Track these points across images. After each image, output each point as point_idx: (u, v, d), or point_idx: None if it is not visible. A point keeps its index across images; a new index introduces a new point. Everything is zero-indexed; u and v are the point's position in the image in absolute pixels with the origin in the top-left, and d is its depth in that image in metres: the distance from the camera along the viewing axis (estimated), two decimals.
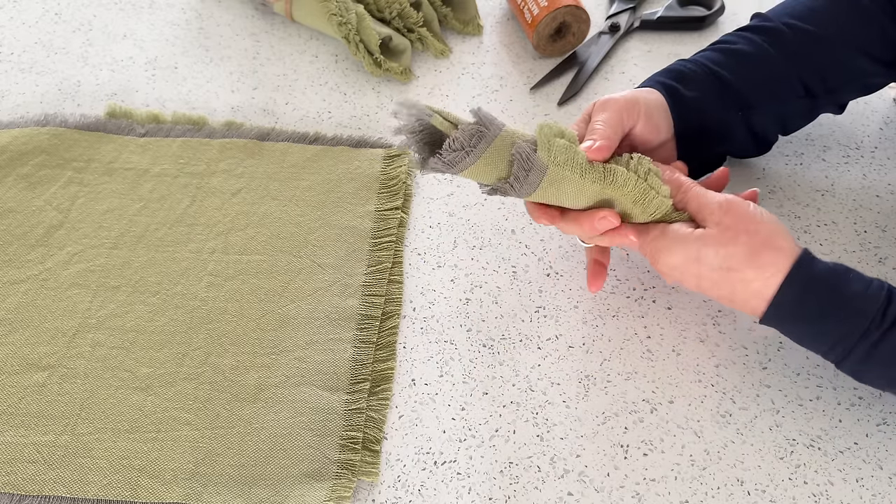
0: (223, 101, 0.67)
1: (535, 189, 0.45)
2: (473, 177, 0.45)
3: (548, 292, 0.55)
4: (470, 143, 0.43)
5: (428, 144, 0.45)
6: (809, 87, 0.54)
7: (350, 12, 0.67)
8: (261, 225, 0.57)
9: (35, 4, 0.76)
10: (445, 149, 0.43)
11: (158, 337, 0.51)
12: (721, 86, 0.53)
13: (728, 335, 0.52)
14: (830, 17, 0.54)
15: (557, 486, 0.46)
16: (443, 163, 0.44)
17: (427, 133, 0.45)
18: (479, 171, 0.44)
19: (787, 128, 0.57)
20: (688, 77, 0.53)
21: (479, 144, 0.43)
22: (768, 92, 0.53)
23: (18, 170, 0.60)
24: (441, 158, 0.44)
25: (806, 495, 0.45)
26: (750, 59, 0.54)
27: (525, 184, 0.45)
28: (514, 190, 0.45)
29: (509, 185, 0.45)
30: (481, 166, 0.44)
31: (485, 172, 0.45)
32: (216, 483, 0.45)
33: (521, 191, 0.45)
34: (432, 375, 0.51)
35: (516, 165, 0.44)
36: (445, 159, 0.44)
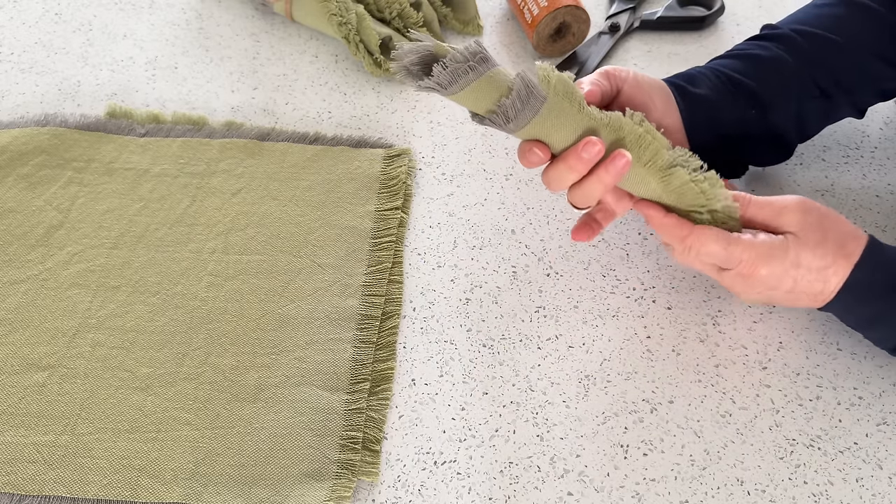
0: (223, 101, 0.67)
1: (529, 119, 0.44)
2: (469, 100, 0.44)
3: (548, 292, 0.55)
4: (473, 59, 0.42)
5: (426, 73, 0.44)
6: (824, 89, 0.53)
7: (350, 12, 0.67)
8: (261, 225, 0.57)
9: (35, 4, 0.76)
10: (450, 60, 0.42)
11: (158, 337, 0.51)
12: (732, 85, 0.52)
13: (728, 335, 0.52)
14: (841, 23, 0.54)
15: (557, 486, 0.46)
16: (446, 73, 0.42)
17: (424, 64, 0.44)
18: (477, 92, 0.43)
19: (805, 130, 0.56)
20: (697, 78, 0.53)
21: (483, 64, 0.43)
22: (782, 91, 0.53)
23: (18, 170, 0.60)
24: (444, 69, 0.42)
25: (806, 495, 0.45)
26: (762, 61, 0.53)
27: (523, 111, 0.43)
28: (510, 116, 0.43)
29: (506, 110, 0.43)
30: (481, 86, 0.43)
31: (482, 95, 0.44)
32: (216, 483, 0.45)
33: (518, 118, 0.44)
34: (432, 375, 0.51)
35: (515, 91, 0.43)
36: (448, 69, 0.42)
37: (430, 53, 0.44)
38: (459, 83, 0.42)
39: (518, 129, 0.44)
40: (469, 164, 0.63)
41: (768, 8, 0.76)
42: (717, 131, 0.52)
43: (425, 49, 0.43)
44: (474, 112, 0.45)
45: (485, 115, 0.45)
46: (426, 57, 0.44)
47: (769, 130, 0.54)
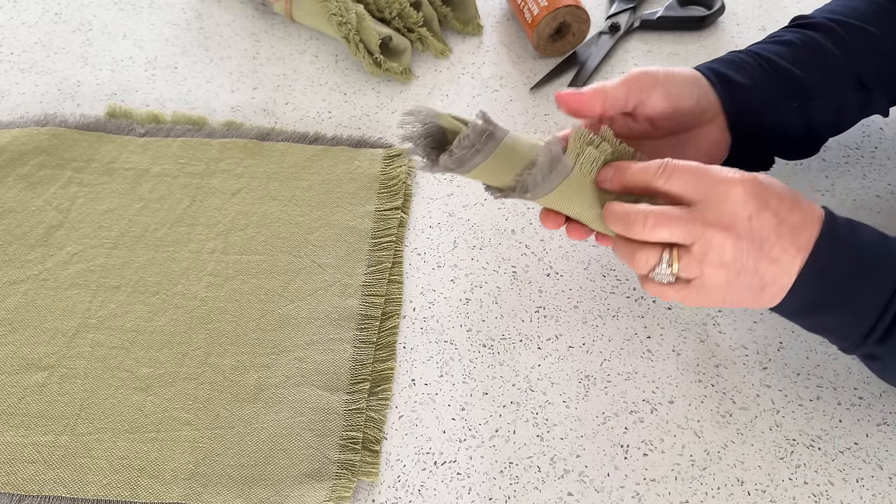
0: (223, 101, 0.67)
1: (549, 191, 0.44)
2: (482, 176, 0.45)
3: (548, 292, 0.55)
4: (480, 141, 0.43)
5: (434, 149, 0.45)
6: (863, 79, 0.52)
7: (350, 12, 0.67)
8: (261, 225, 0.57)
9: (35, 4, 0.76)
10: (456, 146, 0.43)
11: (158, 337, 0.51)
12: (775, 72, 0.51)
13: (728, 335, 0.52)
14: (876, 16, 0.53)
15: (557, 486, 0.46)
16: (453, 160, 0.43)
17: (434, 138, 0.45)
18: (490, 169, 0.44)
19: (841, 123, 0.54)
20: (739, 65, 0.51)
21: (490, 142, 0.43)
22: (826, 81, 0.51)
23: (18, 170, 0.60)
24: (452, 155, 0.43)
25: (806, 495, 0.45)
26: (805, 49, 0.52)
27: (543, 184, 0.44)
28: (530, 188, 0.44)
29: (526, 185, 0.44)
30: (491, 164, 0.43)
31: (496, 171, 0.44)
32: (216, 483, 0.45)
33: (538, 190, 0.44)
34: (432, 375, 0.51)
35: (541, 161, 0.43)
36: (456, 156, 0.43)
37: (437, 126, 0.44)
38: (468, 165, 0.43)
39: (535, 199, 0.45)
40: None
41: (768, 8, 0.76)
42: (757, 122, 0.50)
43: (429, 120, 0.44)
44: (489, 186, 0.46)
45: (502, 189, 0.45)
46: (432, 129, 0.44)
47: (807, 122, 0.52)
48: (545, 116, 0.66)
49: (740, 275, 0.40)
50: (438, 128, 0.44)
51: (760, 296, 0.42)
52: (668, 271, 0.41)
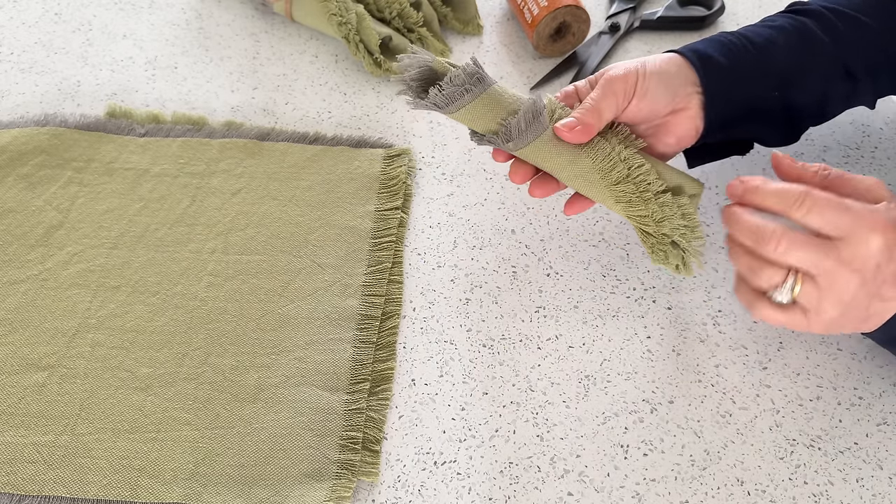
0: (223, 101, 0.67)
1: (529, 142, 0.46)
2: (467, 118, 0.46)
3: (548, 292, 0.55)
4: (470, 81, 0.44)
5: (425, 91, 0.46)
6: (851, 71, 0.52)
7: (350, 12, 0.67)
8: (261, 225, 0.57)
9: (35, 4, 0.76)
10: (446, 83, 0.44)
11: (158, 337, 0.51)
12: (759, 56, 0.51)
13: (728, 335, 0.52)
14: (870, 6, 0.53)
15: (557, 486, 0.46)
16: (442, 97, 0.44)
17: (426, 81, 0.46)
18: (476, 111, 0.45)
19: (824, 112, 0.55)
20: (724, 45, 0.51)
21: (479, 85, 0.44)
22: (810, 67, 0.52)
23: (18, 170, 0.60)
24: (442, 91, 0.44)
25: (806, 495, 0.45)
26: (793, 34, 0.52)
27: (524, 133, 0.45)
28: (511, 136, 0.45)
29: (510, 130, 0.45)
30: (479, 107, 0.45)
31: (481, 114, 0.45)
32: (216, 483, 0.45)
33: (518, 140, 0.46)
34: (432, 375, 0.51)
35: (522, 113, 0.45)
36: (446, 92, 0.44)
37: (430, 69, 0.45)
38: (456, 104, 0.45)
39: (516, 150, 0.47)
40: (469, 164, 0.63)
41: (768, 8, 0.76)
42: (735, 103, 0.51)
43: (424, 63, 0.45)
44: (474, 130, 0.47)
45: (485, 134, 0.46)
46: (425, 72, 0.46)
47: (787, 107, 0.52)
48: None
49: (851, 310, 0.41)
50: (432, 71, 0.46)
51: (860, 326, 0.43)
52: (788, 295, 0.41)
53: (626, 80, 0.48)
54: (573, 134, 0.47)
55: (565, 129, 0.47)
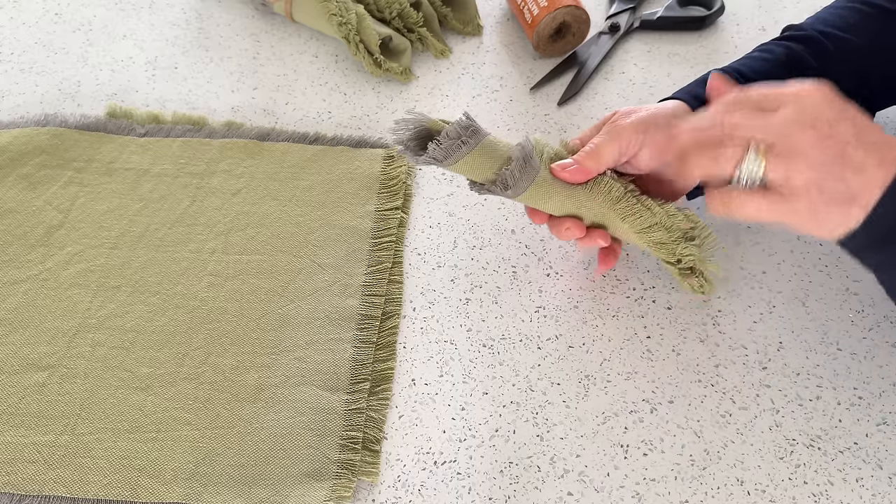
0: (223, 102, 0.67)
1: (525, 189, 0.48)
2: (466, 170, 0.48)
3: (548, 292, 0.55)
4: (465, 134, 0.47)
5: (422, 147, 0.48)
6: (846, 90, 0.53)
7: (350, 12, 0.67)
8: (261, 225, 0.57)
9: (35, 4, 0.76)
10: (443, 137, 0.47)
11: (158, 337, 0.51)
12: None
13: (728, 335, 0.52)
14: (863, 27, 0.53)
15: (557, 486, 0.46)
16: (440, 150, 0.46)
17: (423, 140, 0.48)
18: (473, 162, 0.47)
19: None
20: None
21: (474, 137, 0.47)
22: None
23: (19, 170, 0.60)
24: (438, 145, 0.46)
25: (806, 495, 0.45)
26: (789, 66, 0.52)
27: (519, 181, 0.47)
28: (508, 184, 0.47)
29: (506, 179, 0.47)
30: (475, 157, 0.47)
31: (478, 165, 0.47)
32: (216, 483, 0.45)
33: (516, 188, 0.48)
34: (432, 375, 0.51)
35: (514, 161, 0.47)
36: (442, 146, 0.46)
37: (425, 128, 0.48)
38: (453, 157, 0.47)
39: (515, 196, 0.48)
40: None
41: (768, 8, 0.76)
42: None
43: (419, 123, 0.48)
44: (473, 181, 0.50)
45: (484, 184, 0.49)
46: (421, 131, 0.48)
47: None
48: (545, 116, 0.66)
49: (826, 180, 0.39)
50: (426, 129, 0.48)
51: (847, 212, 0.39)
52: (757, 164, 0.39)
53: (636, 131, 0.48)
54: (568, 173, 0.48)
55: (560, 169, 0.48)
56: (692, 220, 0.49)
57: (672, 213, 0.49)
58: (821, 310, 0.53)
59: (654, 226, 0.49)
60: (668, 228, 0.49)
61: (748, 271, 0.55)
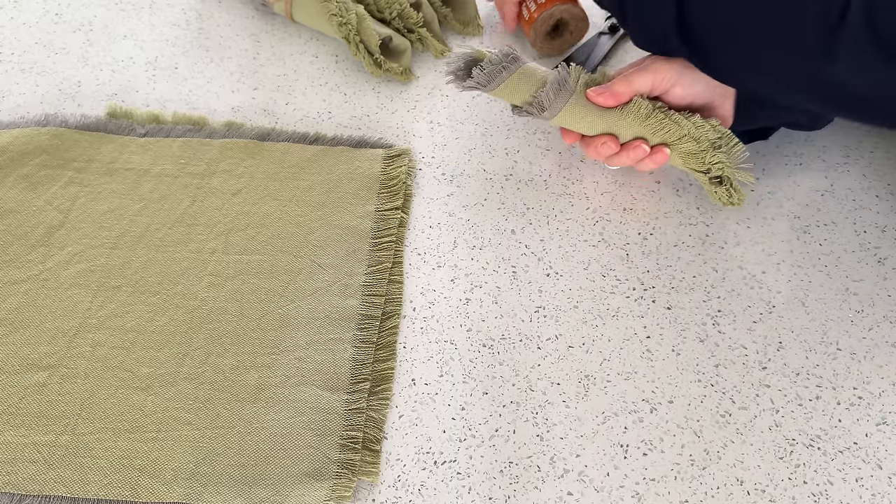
0: (223, 102, 0.67)
1: (560, 110, 0.53)
2: (506, 94, 0.54)
3: (548, 292, 0.55)
4: (507, 60, 0.53)
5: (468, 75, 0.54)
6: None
7: (350, 13, 0.67)
8: (261, 225, 0.57)
9: (35, 4, 0.76)
10: (486, 62, 0.53)
11: (159, 337, 0.51)
12: None
13: (728, 335, 0.52)
14: None
15: (557, 486, 0.46)
16: (484, 74, 0.52)
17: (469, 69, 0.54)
18: (512, 87, 0.53)
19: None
20: None
21: (514, 63, 0.53)
22: None
23: (19, 170, 0.60)
24: (482, 70, 0.52)
25: (805, 495, 0.45)
26: None
27: (554, 102, 0.52)
28: (544, 106, 0.53)
29: (541, 101, 0.52)
30: (514, 82, 0.53)
31: (517, 90, 0.53)
32: (216, 483, 0.45)
33: (551, 108, 0.53)
34: (432, 375, 0.51)
35: (549, 84, 0.52)
36: (485, 71, 0.52)
37: (473, 59, 0.54)
38: (496, 80, 0.53)
39: (552, 118, 0.54)
40: (469, 164, 0.63)
41: None
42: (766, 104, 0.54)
43: (469, 56, 0.54)
44: (513, 105, 0.55)
45: (522, 106, 0.54)
46: (469, 62, 0.54)
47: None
48: None
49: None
50: (473, 59, 0.54)
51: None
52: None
53: (671, 64, 0.52)
54: (601, 98, 0.53)
55: (594, 94, 0.53)
56: (719, 130, 0.53)
57: (699, 125, 0.52)
58: (820, 310, 0.53)
59: (682, 138, 0.52)
60: (696, 139, 0.52)
61: (748, 271, 0.56)
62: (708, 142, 0.52)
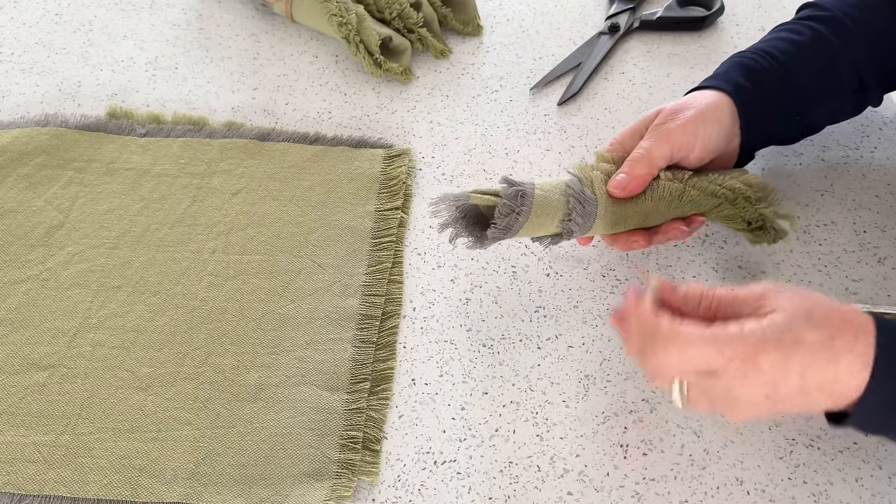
0: (223, 102, 0.67)
1: (594, 221, 0.48)
2: (531, 232, 0.48)
3: (548, 292, 0.55)
4: (517, 203, 0.47)
5: (473, 224, 0.49)
6: (864, 81, 0.53)
7: (350, 13, 0.67)
8: (261, 225, 0.57)
9: (35, 4, 0.76)
10: (498, 216, 0.47)
11: (159, 337, 0.51)
12: (789, 85, 0.52)
13: None
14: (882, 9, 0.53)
15: (557, 486, 0.46)
16: (499, 230, 0.47)
17: (471, 216, 0.49)
18: (534, 224, 0.47)
19: (836, 121, 0.58)
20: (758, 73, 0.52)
21: (525, 202, 0.47)
22: (829, 87, 0.53)
23: (19, 170, 0.60)
24: (497, 227, 0.47)
25: (805, 495, 0.45)
26: (814, 50, 0.53)
27: (585, 217, 0.48)
28: (577, 226, 0.48)
29: (573, 223, 0.47)
30: (534, 220, 0.47)
31: (539, 224, 0.48)
32: (216, 483, 0.45)
33: (584, 225, 0.48)
34: (432, 375, 0.51)
35: (572, 203, 0.47)
36: (501, 226, 0.47)
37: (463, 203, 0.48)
38: (513, 230, 0.47)
39: (587, 233, 0.49)
40: (469, 164, 0.63)
41: (768, 8, 0.76)
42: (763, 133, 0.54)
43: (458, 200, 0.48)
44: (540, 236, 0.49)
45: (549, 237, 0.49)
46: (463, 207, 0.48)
47: (807, 126, 0.56)
48: (545, 116, 0.67)
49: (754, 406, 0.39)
50: (471, 206, 0.48)
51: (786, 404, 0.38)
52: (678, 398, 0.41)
53: (688, 133, 0.49)
54: (625, 191, 0.48)
55: (616, 189, 0.48)
56: (749, 183, 0.50)
57: (733, 188, 0.49)
58: None
59: (719, 206, 0.50)
60: (732, 202, 0.50)
61: (748, 271, 0.56)
62: (744, 200, 0.50)
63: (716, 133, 0.50)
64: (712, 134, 0.50)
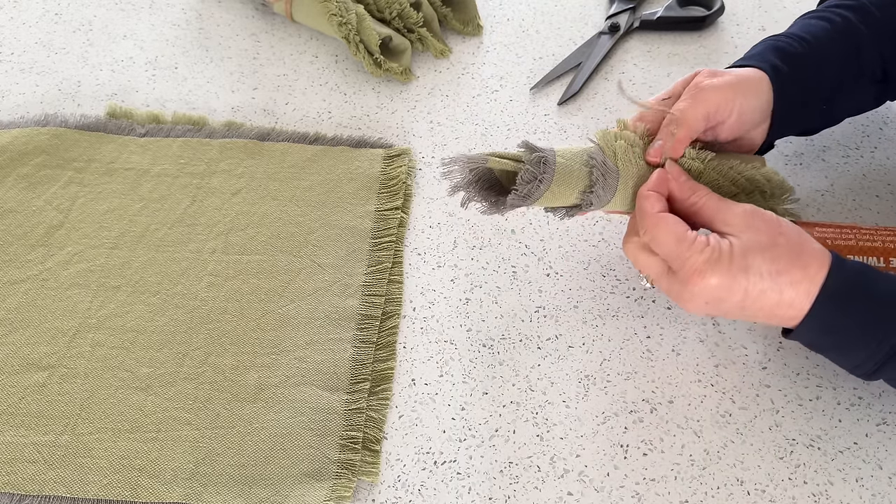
0: (223, 102, 0.67)
1: (615, 193, 0.46)
2: (549, 202, 0.46)
3: (548, 292, 0.55)
4: (539, 170, 0.44)
5: (487, 190, 0.46)
6: (888, 72, 0.53)
7: (350, 12, 0.67)
8: (261, 225, 0.57)
9: (35, 4, 0.76)
10: (520, 182, 0.44)
11: (158, 337, 0.51)
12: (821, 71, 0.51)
13: (728, 335, 0.52)
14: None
15: (557, 486, 0.46)
16: (520, 197, 0.44)
17: (484, 180, 0.46)
18: (554, 194, 0.45)
19: (858, 112, 0.57)
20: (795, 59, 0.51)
21: (547, 169, 0.44)
22: (855, 76, 0.52)
23: (19, 170, 0.60)
24: (517, 193, 0.44)
25: (805, 495, 0.45)
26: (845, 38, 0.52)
27: (607, 190, 0.46)
28: (598, 198, 0.46)
29: (594, 195, 0.45)
30: (555, 189, 0.45)
31: (559, 194, 0.45)
32: (216, 483, 0.45)
33: (604, 198, 0.46)
34: (432, 375, 0.51)
35: (595, 174, 0.45)
36: (522, 193, 0.44)
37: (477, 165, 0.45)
38: (533, 197, 0.45)
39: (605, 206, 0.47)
40: None
41: (768, 8, 0.76)
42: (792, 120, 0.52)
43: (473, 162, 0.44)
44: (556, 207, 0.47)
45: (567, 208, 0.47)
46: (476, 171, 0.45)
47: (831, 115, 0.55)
48: (545, 116, 0.67)
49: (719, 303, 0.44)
50: (487, 169, 0.45)
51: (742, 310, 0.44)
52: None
53: (727, 95, 0.47)
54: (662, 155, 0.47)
55: (654, 155, 0.47)
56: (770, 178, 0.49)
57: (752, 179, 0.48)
58: None
59: (735, 195, 0.48)
60: (748, 193, 0.48)
61: None
62: (759, 193, 0.49)
63: (753, 106, 0.49)
64: (749, 106, 0.48)
